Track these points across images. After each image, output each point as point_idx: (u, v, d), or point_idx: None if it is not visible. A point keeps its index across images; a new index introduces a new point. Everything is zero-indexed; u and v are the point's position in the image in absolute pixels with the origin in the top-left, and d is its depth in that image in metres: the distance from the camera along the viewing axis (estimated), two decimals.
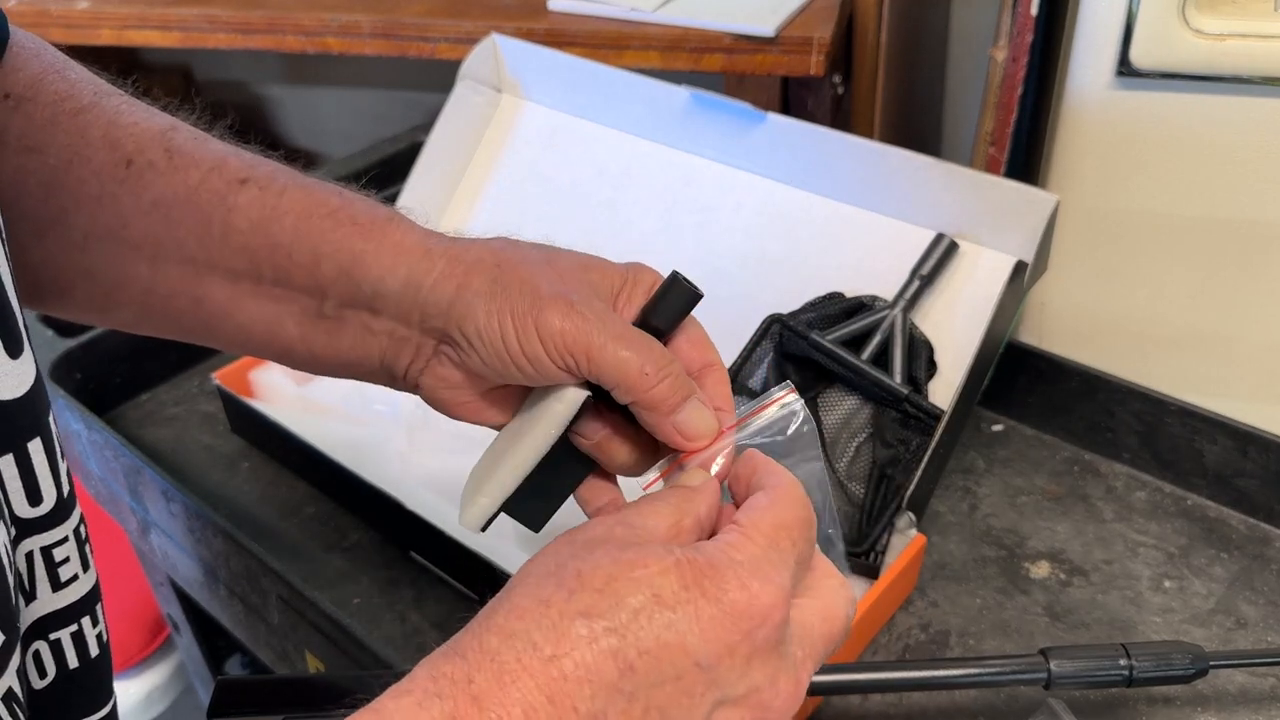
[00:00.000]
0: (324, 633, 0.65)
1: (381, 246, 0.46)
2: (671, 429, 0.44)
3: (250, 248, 0.47)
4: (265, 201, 0.47)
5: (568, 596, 0.34)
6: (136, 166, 0.47)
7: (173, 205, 0.47)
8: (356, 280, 0.46)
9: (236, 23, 1.27)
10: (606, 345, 0.43)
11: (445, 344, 0.47)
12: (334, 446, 0.71)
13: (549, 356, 0.44)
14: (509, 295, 0.44)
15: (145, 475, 0.75)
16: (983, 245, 0.70)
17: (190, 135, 0.49)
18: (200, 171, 0.47)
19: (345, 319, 0.48)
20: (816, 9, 1.14)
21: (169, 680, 1.32)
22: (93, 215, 0.47)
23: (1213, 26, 0.71)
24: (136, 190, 0.47)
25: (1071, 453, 0.76)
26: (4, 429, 0.34)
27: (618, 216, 0.83)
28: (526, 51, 0.88)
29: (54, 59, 0.49)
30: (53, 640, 0.38)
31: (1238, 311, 0.80)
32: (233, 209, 0.47)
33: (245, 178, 0.47)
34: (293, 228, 0.46)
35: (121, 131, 0.48)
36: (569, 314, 0.43)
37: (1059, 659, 0.54)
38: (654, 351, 0.44)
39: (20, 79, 0.47)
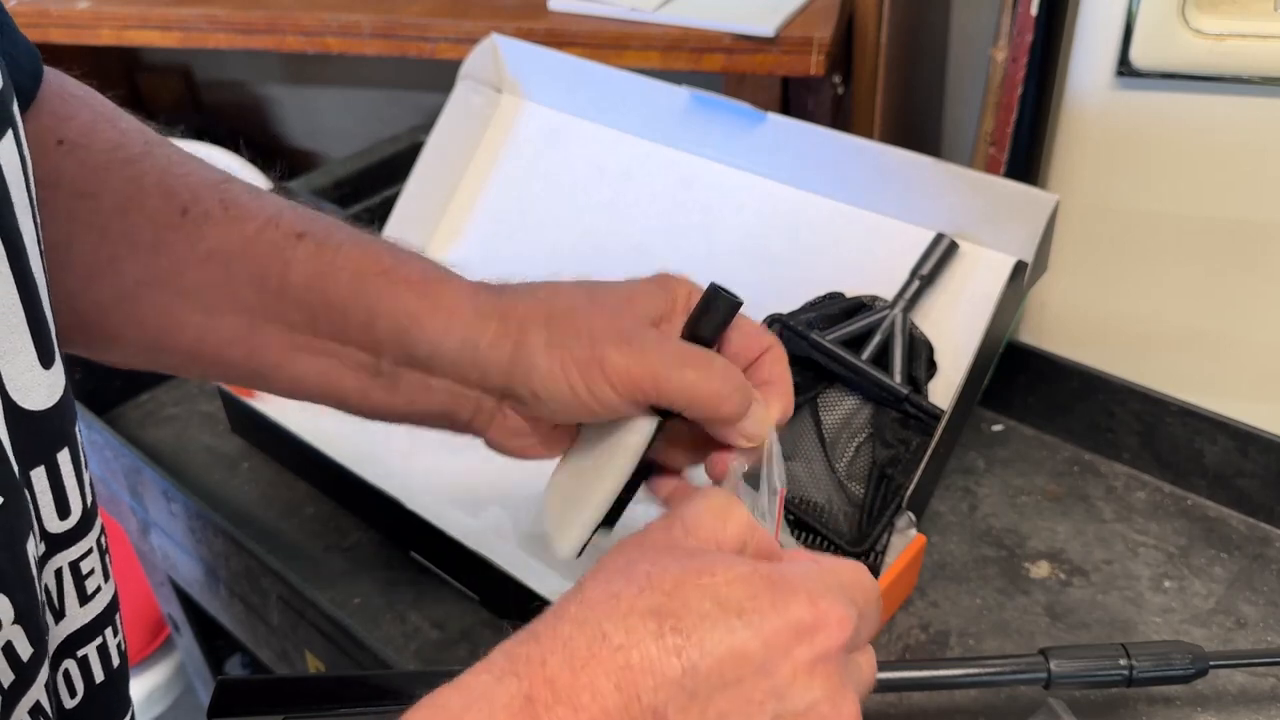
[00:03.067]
0: (324, 633, 0.65)
1: (436, 307, 0.47)
2: (736, 434, 0.47)
3: (307, 302, 0.47)
4: (322, 257, 0.47)
5: (637, 593, 0.35)
6: (192, 215, 0.47)
7: (230, 256, 0.47)
8: (413, 340, 0.47)
9: (237, 23, 1.27)
10: (671, 374, 0.45)
11: (508, 399, 0.48)
12: (334, 446, 0.71)
13: (618, 395, 0.45)
14: (567, 346, 0.46)
15: (145, 475, 0.75)
16: (983, 245, 0.70)
17: (244, 188, 0.49)
18: (257, 223, 0.48)
19: (401, 376, 0.48)
20: (816, 9, 1.14)
21: (169, 680, 1.32)
22: (146, 262, 0.47)
23: (1213, 26, 0.71)
24: (193, 239, 0.47)
25: (1071, 453, 0.76)
26: (36, 440, 0.34)
27: (618, 216, 0.83)
28: (527, 51, 0.88)
29: (104, 107, 0.50)
30: (80, 657, 0.38)
31: (1238, 311, 0.80)
32: (290, 262, 0.47)
33: (302, 232, 0.48)
34: (348, 285, 0.47)
35: (176, 181, 0.48)
36: (629, 352, 0.45)
37: (1059, 659, 0.54)
38: (715, 368, 0.46)
39: (73, 126, 0.47)
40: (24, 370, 0.33)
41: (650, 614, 0.34)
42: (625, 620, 0.34)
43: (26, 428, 0.33)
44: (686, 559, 0.36)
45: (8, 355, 0.32)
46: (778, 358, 0.49)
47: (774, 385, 0.49)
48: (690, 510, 0.40)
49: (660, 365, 0.45)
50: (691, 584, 0.35)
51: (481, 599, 0.66)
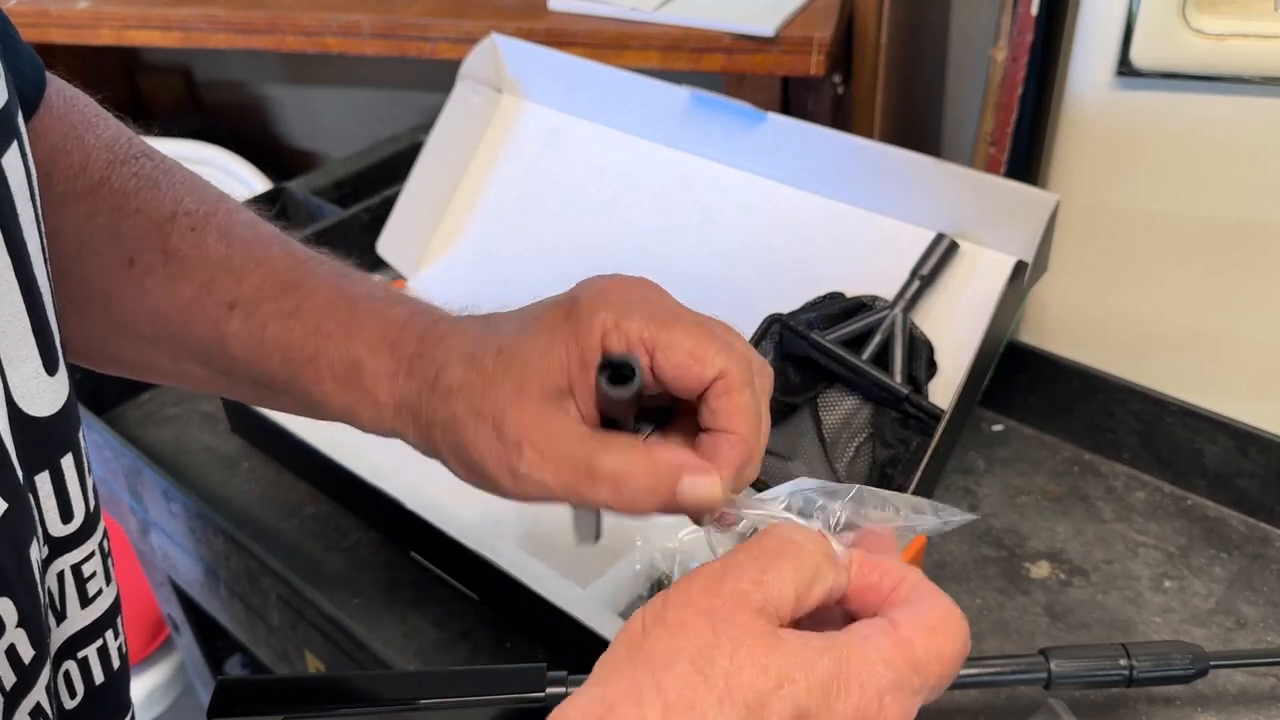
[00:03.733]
0: (324, 633, 0.65)
1: (360, 402, 0.45)
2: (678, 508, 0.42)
3: (252, 373, 0.47)
4: (252, 335, 0.46)
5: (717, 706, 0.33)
6: (137, 269, 0.47)
7: (171, 318, 0.47)
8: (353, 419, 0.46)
9: (237, 23, 1.27)
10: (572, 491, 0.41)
11: None
12: (334, 446, 0.71)
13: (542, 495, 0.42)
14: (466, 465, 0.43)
15: (145, 475, 0.75)
16: (983, 245, 0.70)
17: (188, 227, 0.48)
18: (192, 288, 0.47)
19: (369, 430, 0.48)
20: (816, 9, 1.14)
21: (169, 680, 1.32)
22: (104, 311, 0.48)
23: (1213, 26, 0.71)
24: (138, 295, 0.47)
25: (1071, 453, 0.76)
26: (41, 446, 0.34)
27: (618, 216, 0.83)
28: (527, 51, 0.88)
29: (77, 118, 0.49)
30: (80, 659, 0.38)
31: (1238, 311, 0.80)
32: (226, 337, 0.47)
33: (232, 302, 0.47)
34: (282, 368, 0.46)
35: (125, 222, 0.47)
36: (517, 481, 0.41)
37: (1059, 659, 0.54)
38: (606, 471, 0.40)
39: (42, 147, 0.47)
40: (29, 378, 0.33)
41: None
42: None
43: (31, 434, 0.33)
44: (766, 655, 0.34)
45: (14, 363, 0.33)
46: (726, 389, 0.41)
47: (723, 435, 0.41)
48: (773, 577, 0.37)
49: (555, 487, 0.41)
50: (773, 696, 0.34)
51: (481, 599, 0.66)
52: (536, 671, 0.51)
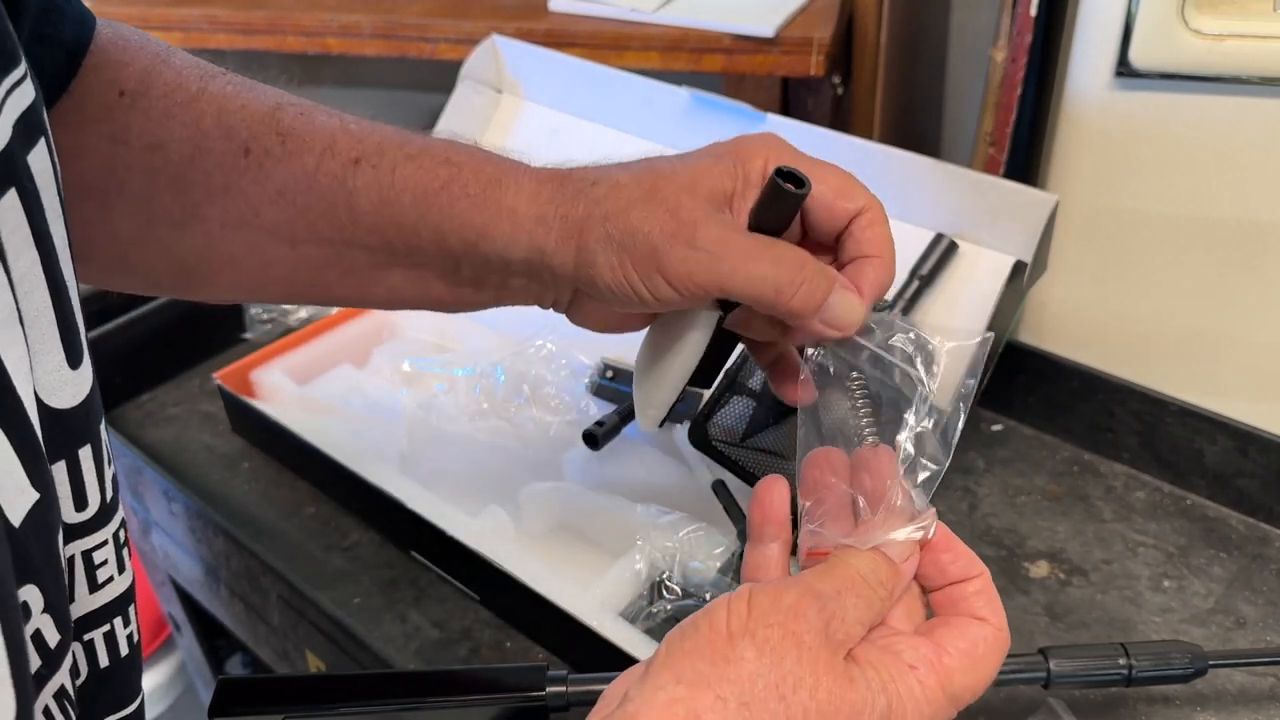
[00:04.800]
0: (324, 632, 0.65)
1: (499, 216, 0.47)
2: (821, 328, 0.45)
3: (378, 227, 0.48)
4: (381, 181, 0.48)
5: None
6: (254, 155, 0.48)
7: (297, 192, 0.48)
8: (483, 252, 0.47)
9: (237, 23, 1.27)
10: (736, 272, 0.44)
11: (579, 292, 0.49)
12: (334, 446, 0.71)
13: (680, 295, 0.45)
14: (625, 249, 0.45)
15: (146, 475, 0.75)
16: (982, 245, 0.70)
17: (297, 111, 0.49)
18: (314, 155, 0.48)
19: (483, 280, 0.49)
20: (816, 9, 1.14)
21: (170, 679, 1.32)
22: (224, 206, 0.48)
23: (1212, 27, 0.71)
24: (259, 179, 0.48)
25: (1071, 453, 0.76)
26: (59, 437, 0.35)
27: None
28: (527, 52, 0.88)
29: (158, 48, 0.50)
30: (86, 640, 0.39)
31: (1238, 311, 0.80)
32: (353, 192, 0.48)
33: (357, 157, 0.48)
34: (412, 207, 0.48)
35: (233, 117, 0.48)
36: (687, 253, 0.44)
37: (1058, 658, 0.54)
38: (783, 261, 0.44)
39: (130, 74, 0.48)
40: (52, 370, 0.34)
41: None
42: None
43: (52, 425, 0.34)
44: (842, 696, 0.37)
45: (38, 356, 0.33)
46: (872, 221, 0.46)
47: (869, 259, 0.46)
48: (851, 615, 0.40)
49: (722, 264, 0.44)
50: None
51: (482, 599, 0.66)
52: (536, 671, 0.52)
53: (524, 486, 0.68)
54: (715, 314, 0.49)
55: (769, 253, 0.44)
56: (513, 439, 0.74)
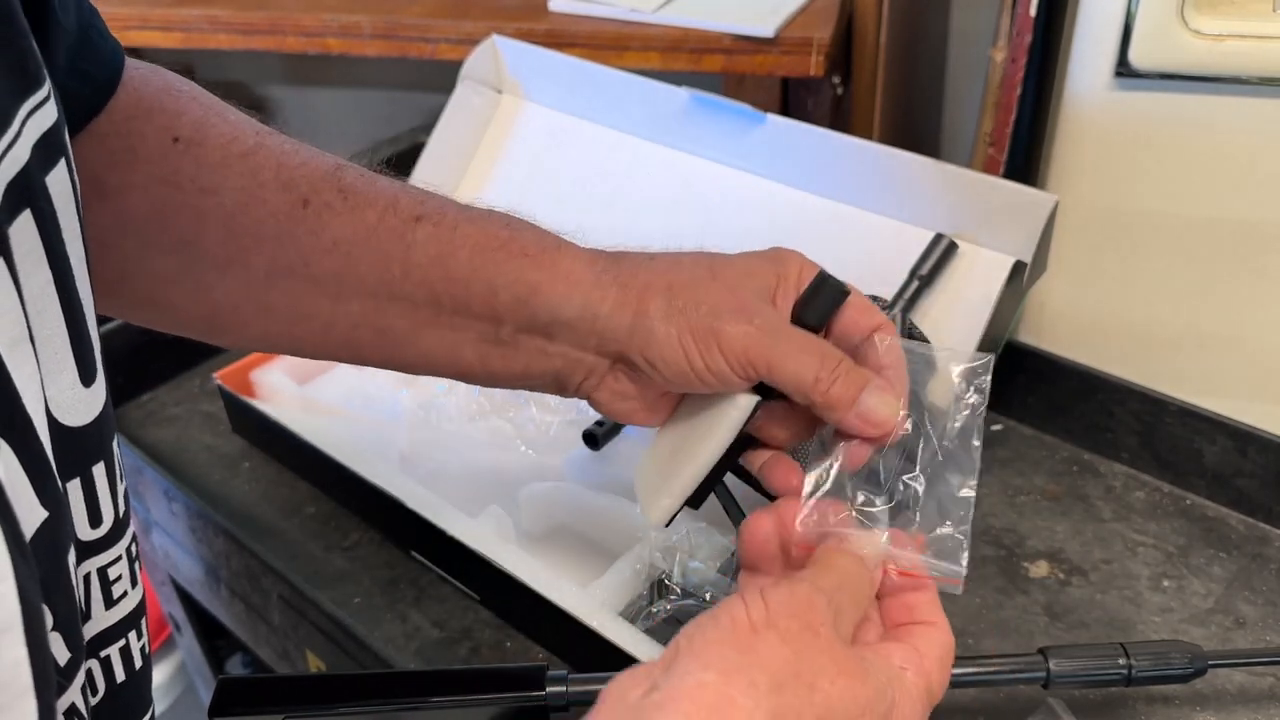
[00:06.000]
0: (325, 632, 0.65)
1: (554, 276, 0.48)
2: (855, 419, 0.47)
3: (429, 281, 0.49)
4: (441, 237, 0.49)
5: None
6: (313, 207, 0.49)
7: (353, 244, 0.49)
8: (533, 309, 0.48)
9: (238, 24, 1.27)
10: (787, 356, 0.46)
11: (621, 364, 0.50)
12: (335, 446, 0.71)
13: (732, 370, 0.47)
14: (686, 316, 0.47)
15: (146, 475, 0.75)
16: (982, 245, 0.70)
17: (357, 173, 0.51)
18: (376, 211, 0.49)
19: (520, 343, 0.50)
20: (816, 9, 1.14)
21: (170, 679, 1.32)
22: (273, 254, 0.49)
23: (1211, 27, 0.71)
24: (315, 229, 0.49)
25: (1070, 452, 0.76)
26: (73, 455, 0.35)
27: (618, 217, 0.83)
28: (527, 52, 0.88)
29: (210, 101, 0.52)
30: (103, 658, 0.39)
31: (1237, 311, 0.80)
32: (411, 246, 0.49)
33: (419, 215, 0.49)
34: (468, 261, 0.49)
35: (293, 172, 0.49)
36: (746, 328, 0.46)
37: (1058, 658, 0.54)
38: (826, 353, 0.47)
39: (185, 122, 0.49)
40: (65, 389, 0.34)
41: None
42: None
43: (66, 443, 0.34)
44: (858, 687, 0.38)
45: (51, 374, 0.33)
46: (888, 333, 0.50)
47: (884, 370, 0.48)
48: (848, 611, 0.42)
49: (775, 346, 0.46)
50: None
51: (482, 599, 0.66)
52: (536, 671, 0.52)
53: (524, 486, 0.68)
54: (754, 398, 0.49)
55: (813, 344, 0.47)
56: (513, 439, 0.74)
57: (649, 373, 0.48)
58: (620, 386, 0.51)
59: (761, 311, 0.47)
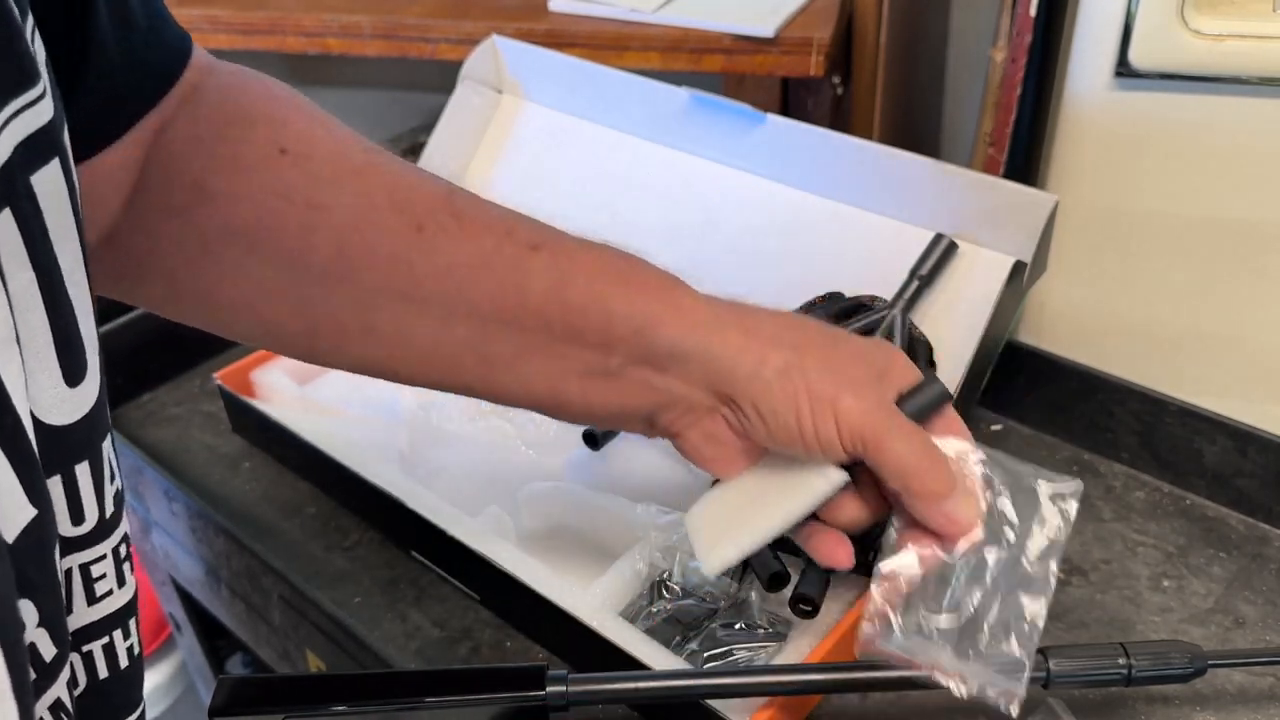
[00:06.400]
0: (325, 632, 0.65)
1: (674, 310, 0.48)
2: (942, 517, 0.47)
3: (543, 309, 0.48)
4: (559, 265, 0.48)
5: None
6: (428, 232, 0.48)
7: (468, 269, 0.48)
8: (650, 340, 0.48)
9: (238, 24, 1.27)
10: (895, 437, 0.46)
11: (726, 407, 0.49)
12: (335, 446, 0.71)
13: (840, 441, 0.46)
14: (807, 377, 0.47)
15: (146, 475, 0.75)
16: (981, 245, 0.70)
17: (471, 200, 0.50)
18: (494, 237, 0.49)
19: (627, 375, 0.49)
20: (816, 9, 1.14)
21: (170, 679, 1.32)
22: (384, 274, 0.48)
23: (1211, 27, 0.71)
24: (429, 254, 0.48)
25: (1070, 452, 0.76)
26: (55, 453, 0.35)
27: (618, 217, 0.83)
28: (527, 53, 0.88)
29: (314, 110, 0.51)
30: (85, 652, 0.39)
31: (1237, 311, 0.80)
32: (528, 274, 0.48)
33: (537, 243, 0.49)
34: (585, 289, 0.48)
35: (406, 194, 0.49)
36: (866, 405, 0.46)
37: (1057, 658, 0.54)
38: (929, 447, 0.47)
39: (290, 133, 0.49)
40: (48, 388, 0.34)
41: None
42: None
43: (49, 441, 0.34)
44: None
45: (34, 374, 0.33)
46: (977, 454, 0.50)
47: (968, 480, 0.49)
48: None
49: (890, 428, 0.46)
50: None
51: (482, 598, 0.66)
52: (536, 671, 0.52)
53: (524, 486, 0.68)
54: (845, 476, 0.48)
55: (920, 434, 0.47)
56: (513, 439, 0.74)
57: (752, 423, 0.48)
58: (715, 430, 0.50)
59: (879, 392, 0.48)
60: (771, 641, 0.60)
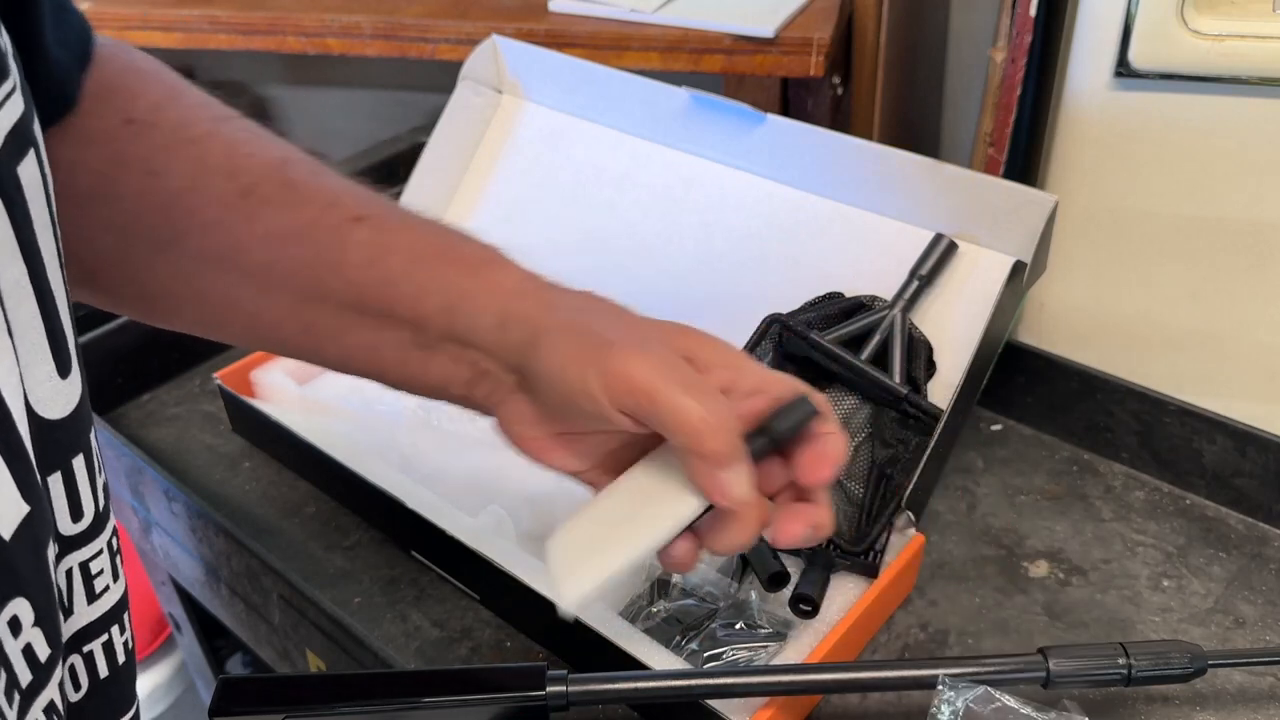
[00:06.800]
0: (325, 632, 0.65)
1: (483, 286, 0.48)
2: (711, 479, 0.44)
3: (360, 283, 0.48)
4: (379, 240, 0.48)
5: None
6: (254, 198, 0.48)
7: (288, 238, 0.48)
8: (454, 316, 0.48)
9: (238, 24, 1.27)
10: (675, 390, 0.43)
11: (525, 379, 0.48)
12: (335, 446, 0.71)
13: (607, 395, 0.44)
14: (580, 336, 0.45)
15: (147, 475, 0.75)
16: (981, 245, 0.70)
17: (306, 168, 0.50)
18: (316, 207, 0.49)
19: (440, 351, 0.49)
20: (816, 9, 1.14)
21: (170, 679, 1.32)
22: (209, 239, 0.49)
23: (1211, 27, 0.71)
24: (252, 220, 0.48)
25: (1070, 452, 0.77)
26: (53, 448, 0.35)
27: (618, 217, 0.83)
28: (527, 53, 0.88)
29: (173, 81, 0.51)
30: (86, 653, 0.39)
31: (1237, 311, 0.80)
32: (347, 245, 0.48)
33: (360, 215, 0.49)
34: (401, 266, 0.48)
35: (239, 161, 0.49)
36: (633, 359, 0.44)
37: (1058, 658, 0.54)
38: (720, 409, 0.43)
39: (141, 105, 0.49)
40: (42, 381, 0.34)
41: None
42: None
43: (45, 436, 0.34)
44: None
45: (29, 367, 0.33)
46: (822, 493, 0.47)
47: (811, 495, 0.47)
48: None
49: (661, 382, 0.43)
50: None
51: (482, 598, 0.66)
52: (536, 671, 0.52)
53: (524, 486, 0.68)
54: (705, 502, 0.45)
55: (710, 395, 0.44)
56: None
57: (536, 388, 0.47)
58: (520, 408, 0.49)
59: (661, 353, 0.45)
60: (771, 641, 0.60)
